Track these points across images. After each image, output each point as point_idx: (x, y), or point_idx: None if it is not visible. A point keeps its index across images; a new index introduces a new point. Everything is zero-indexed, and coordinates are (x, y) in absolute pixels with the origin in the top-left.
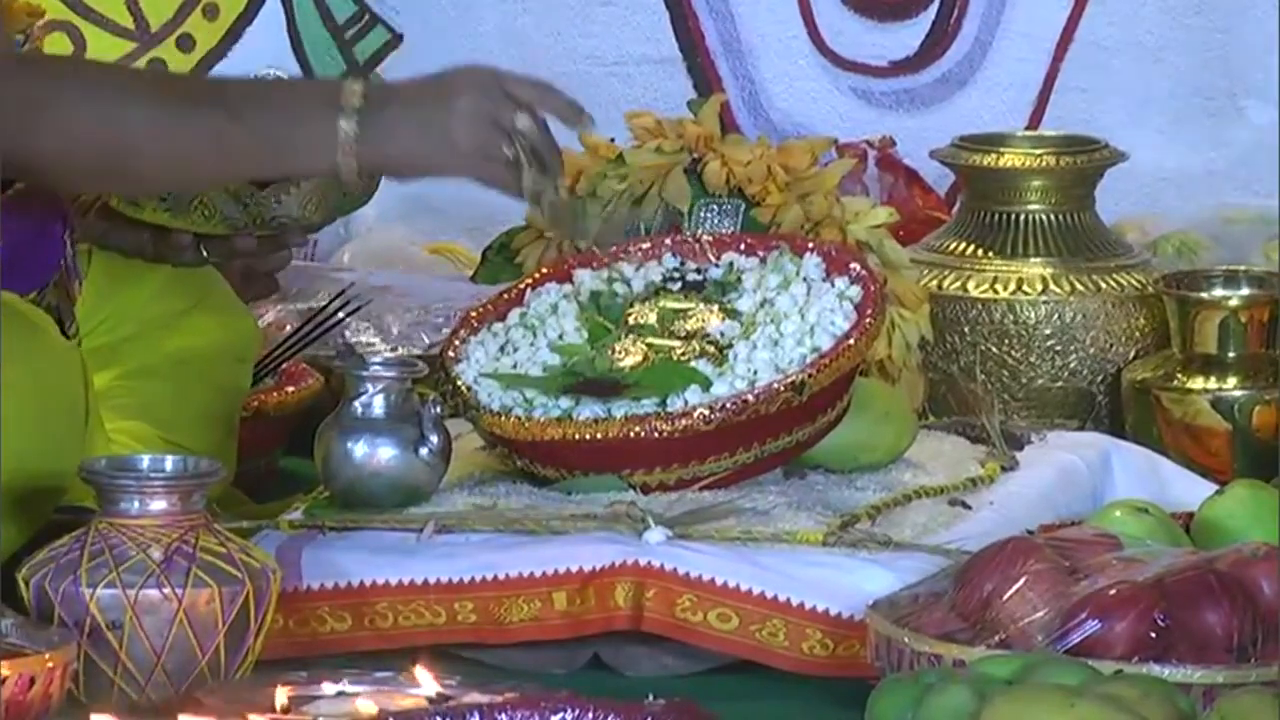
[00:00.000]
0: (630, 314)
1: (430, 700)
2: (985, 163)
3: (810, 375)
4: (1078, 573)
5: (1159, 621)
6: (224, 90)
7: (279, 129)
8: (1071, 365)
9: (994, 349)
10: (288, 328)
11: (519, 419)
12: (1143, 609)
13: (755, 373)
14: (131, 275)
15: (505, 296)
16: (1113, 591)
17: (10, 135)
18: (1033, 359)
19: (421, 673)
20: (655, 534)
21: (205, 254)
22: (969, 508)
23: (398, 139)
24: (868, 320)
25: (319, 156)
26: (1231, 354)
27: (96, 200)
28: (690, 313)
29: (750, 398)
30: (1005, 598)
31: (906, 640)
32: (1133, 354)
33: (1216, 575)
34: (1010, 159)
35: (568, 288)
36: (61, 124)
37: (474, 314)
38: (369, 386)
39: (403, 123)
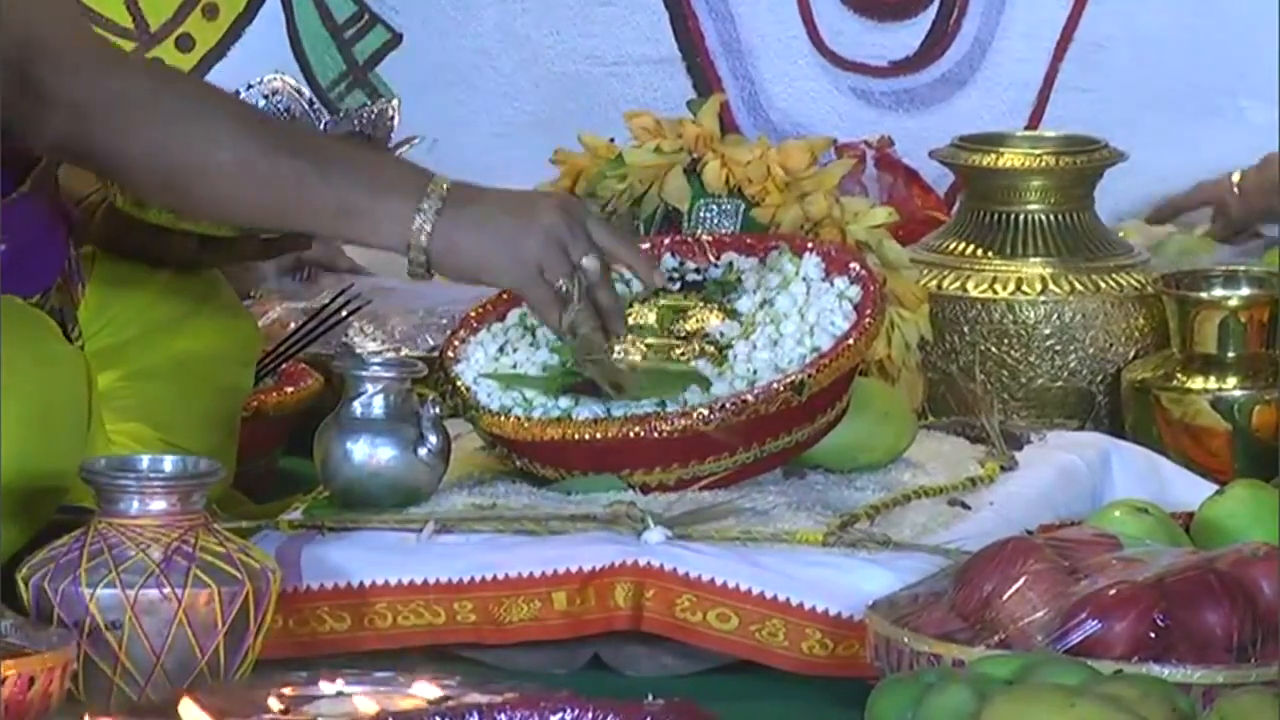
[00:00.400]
0: (630, 314)
1: (430, 701)
2: (985, 163)
3: (810, 375)
4: (1077, 573)
5: (1159, 621)
6: (316, 145)
7: (359, 199)
8: (1071, 365)
9: (993, 349)
10: (290, 327)
11: (518, 419)
12: (1142, 609)
13: (755, 373)
14: (135, 278)
15: (505, 297)
16: (1112, 591)
17: (96, 127)
18: (1032, 359)
19: (421, 685)
20: (655, 534)
21: (209, 256)
22: (968, 508)
23: (470, 237)
24: (867, 320)
25: (390, 235)
26: (1231, 354)
27: (103, 202)
28: (690, 313)
29: (750, 398)
30: (1005, 598)
31: (906, 640)
32: (1132, 354)
33: (1216, 575)
34: (1010, 159)
35: None
36: (152, 132)
37: (473, 314)
38: (368, 387)
39: (480, 224)
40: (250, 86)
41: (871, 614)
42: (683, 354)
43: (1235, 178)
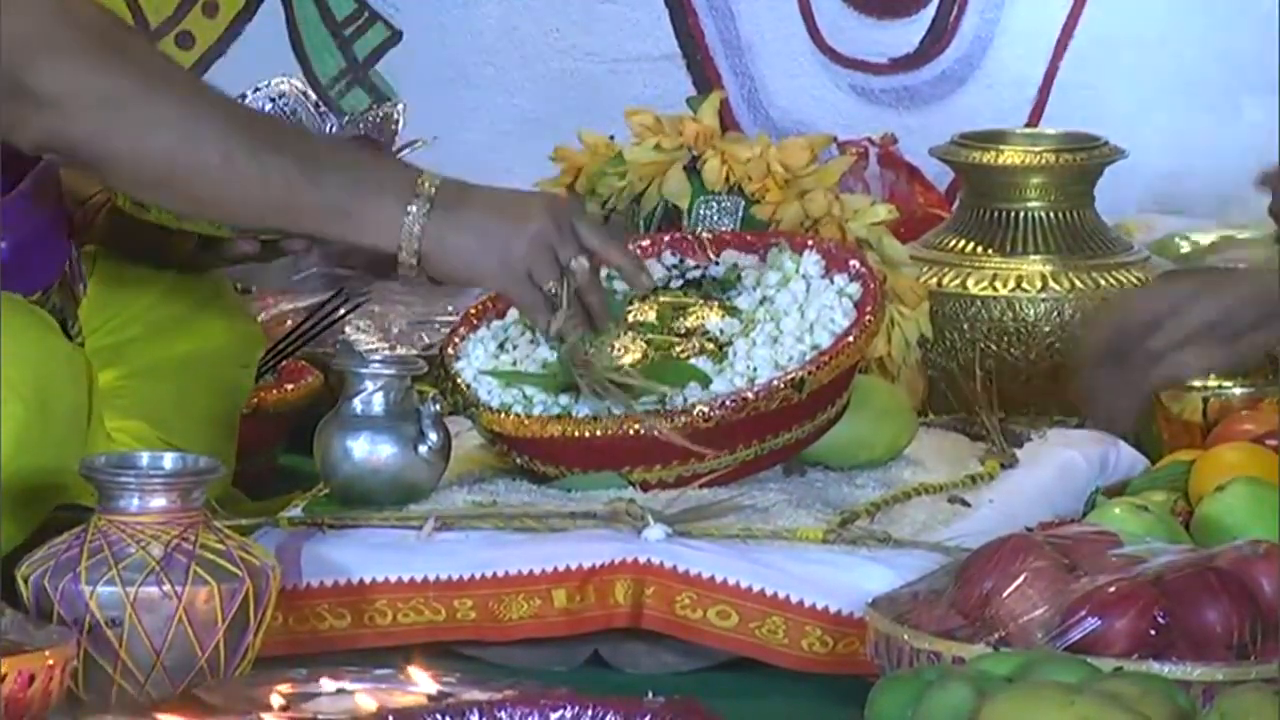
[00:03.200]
0: (630, 311)
1: (430, 698)
2: (985, 160)
3: (810, 372)
4: (1077, 570)
5: (1158, 619)
6: (304, 145)
7: (348, 199)
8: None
9: (993, 346)
10: (288, 324)
11: (518, 416)
12: (1142, 606)
13: (755, 370)
14: (138, 278)
15: None
16: (1112, 589)
17: (79, 126)
18: (1032, 356)
19: (416, 672)
20: (655, 531)
21: (208, 257)
22: (968, 505)
23: (460, 239)
24: (867, 317)
25: (380, 235)
26: None
27: (107, 202)
28: (690, 310)
29: (750, 395)
30: (1005, 595)
31: (906, 638)
32: None
33: (1216, 572)
34: (1010, 156)
35: None
36: (136, 132)
37: (473, 311)
38: (368, 384)
39: (470, 225)
40: (257, 89)
41: (871, 611)
42: (682, 351)
43: None
